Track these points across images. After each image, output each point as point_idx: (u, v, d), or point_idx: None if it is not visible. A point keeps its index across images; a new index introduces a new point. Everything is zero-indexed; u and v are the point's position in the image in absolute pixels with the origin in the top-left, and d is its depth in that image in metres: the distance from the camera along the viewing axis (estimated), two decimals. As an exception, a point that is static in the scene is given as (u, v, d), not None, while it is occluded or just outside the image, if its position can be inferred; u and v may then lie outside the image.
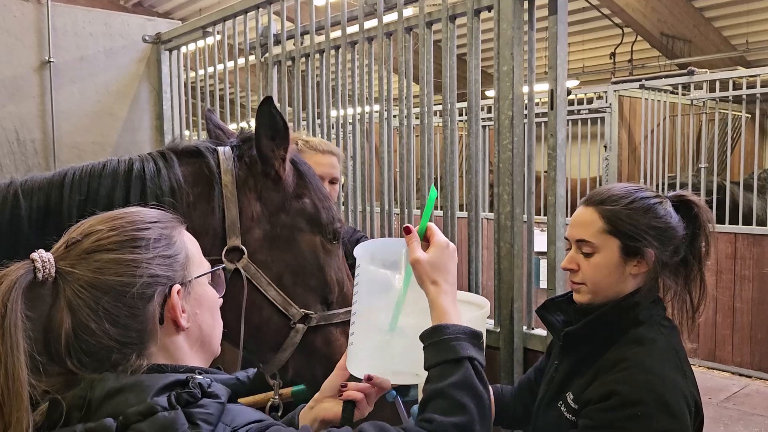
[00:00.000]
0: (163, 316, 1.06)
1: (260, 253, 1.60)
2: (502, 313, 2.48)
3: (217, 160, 1.61)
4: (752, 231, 6.28)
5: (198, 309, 1.12)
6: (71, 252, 1.05)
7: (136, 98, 4.28)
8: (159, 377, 1.01)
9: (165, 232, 1.12)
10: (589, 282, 1.61)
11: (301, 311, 1.65)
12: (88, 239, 1.06)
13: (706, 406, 1.68)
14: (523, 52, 2.42)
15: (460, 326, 1.24)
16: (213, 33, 3.89)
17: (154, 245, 1.08)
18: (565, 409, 1.63)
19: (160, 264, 1.07)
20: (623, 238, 1.57)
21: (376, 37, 2.94)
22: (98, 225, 1.09)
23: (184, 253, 1.13)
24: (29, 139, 3.90)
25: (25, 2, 3.87)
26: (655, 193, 1.64)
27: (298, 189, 1.68)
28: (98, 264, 1.03)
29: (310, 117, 3.38)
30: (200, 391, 1.00)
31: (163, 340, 1.07)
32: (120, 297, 1.03)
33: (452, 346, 1.20)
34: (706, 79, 7.10)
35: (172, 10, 13.96)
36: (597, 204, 1.61)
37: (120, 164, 1.55)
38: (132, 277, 1.04)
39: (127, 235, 1.07)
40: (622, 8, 10.49)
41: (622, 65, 12.67)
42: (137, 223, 1.10)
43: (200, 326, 1.13)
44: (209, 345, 1.15)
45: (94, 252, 1.04)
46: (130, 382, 0.99)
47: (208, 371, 1.08)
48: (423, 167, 2.80)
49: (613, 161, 7.71)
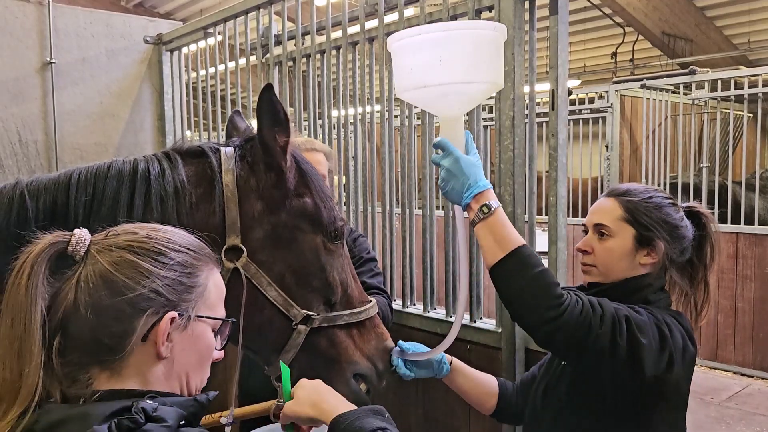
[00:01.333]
0: (148, 335, 1.05)
1: (261, 252, 1.59)
2: (504, 313, 2.47)
3: (219, 160, 1.61)
4: (754, 231, 6.28)
5: (186, 346, 1.09)
6: (106, 241, 1.09)
7: (137, 99, 4.29)
8: (106, 406, 0.99)
9: (194, 262, 1.12)
10: (600, 264, 1.71)
11: (302, 312, 1.63)
12: (125, 236, 1.10)
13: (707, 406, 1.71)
14: (524, 52, 2.42)
15: (357, 410, 1.29)
16: (214, 33, 3.90)
17: (174, 267, 1.09)
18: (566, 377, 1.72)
19: (169, 285, 1.07)
20: (638, 227, 1.68)
21: (377, 37, 2.94)
22: (140, 230, 1.12)
23: (201, 289, 1.12)
24: (31, 140, 3.91)
25: (26, 3, 3.87)
26: (671, 197, 1.76)
27: (300, 188, 1.67)
28: (118, 260, 1.06)
29: (311, 117, 3.38)
30: (143, 416, 0.98)
31: (139, 359, 1.05)
32: (115, 295, 1.03)
33: (357, 427, 1.23)
34: (708, 78, 7.10)
35: (173, 11, 13.97)
36: (618, 195, 1.74)
37: (125, 165, 1.56)
38: (137, 284, 1.04)
39: (157, 247, 1.09)
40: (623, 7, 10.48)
41: (623, 65, 12.66)
42: (172, 242, 1.11)
43: (182, 363, 1.10)
44: (185, 384, 1.12)
45: (122, 249, 1.07)
46: (74, 413, 0.98)
47: (164, 394, 1.06)
48: (424, 167, 2.80)
49: (614, 161, 7.71)
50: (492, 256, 1.52)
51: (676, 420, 1.70)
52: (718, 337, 6.43)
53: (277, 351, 1.66)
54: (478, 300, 2.67)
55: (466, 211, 1.58)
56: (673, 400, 1.66)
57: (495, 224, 1.53)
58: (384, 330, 1.82)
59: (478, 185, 1.55)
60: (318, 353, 1.68)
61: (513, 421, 2.05)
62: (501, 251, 1.51)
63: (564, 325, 1.46)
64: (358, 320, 1.73)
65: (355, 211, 3.18)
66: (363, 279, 2.29)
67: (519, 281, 1.49)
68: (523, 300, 1.50)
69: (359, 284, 1.83)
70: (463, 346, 2.63)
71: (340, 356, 1.70)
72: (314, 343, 1.67)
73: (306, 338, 1.65)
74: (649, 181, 7.23)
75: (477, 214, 1.54)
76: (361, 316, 1.74)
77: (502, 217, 1.54)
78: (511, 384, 2.00)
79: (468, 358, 2.56)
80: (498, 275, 1.53)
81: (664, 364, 1.55)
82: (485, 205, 1.53)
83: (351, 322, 1.72)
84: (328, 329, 1.69)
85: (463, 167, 1.54)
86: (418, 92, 1.56)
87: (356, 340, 1.73)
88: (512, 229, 1.55)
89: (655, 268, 1.71)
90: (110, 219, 1.44)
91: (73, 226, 1.14)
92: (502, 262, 1.51)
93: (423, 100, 1.64)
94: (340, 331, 1.71)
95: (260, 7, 3.46)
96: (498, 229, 1.53)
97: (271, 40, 3.50)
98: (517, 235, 1.55)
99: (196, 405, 1.09)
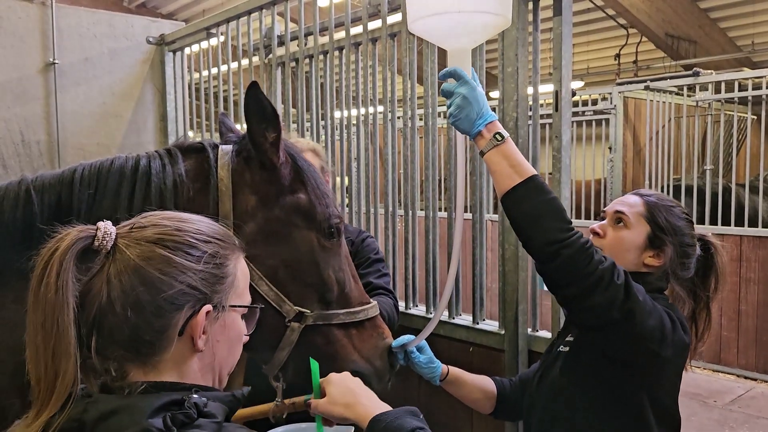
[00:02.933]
0: (185, 329, 1.06)
1: (253, 246, 1.59)
2: (507, 315, 2.47)
3: (216, 155, 1.65)
4: (758, 233, 6.25)
5: (220, 337, 1.11)
6: (133, 234, 1.07)
7: (140, 99, 4.29)
8: (154, 398, 0.99)
9: (223, 252, 1.12)
10: (608, 249, 1.74)
11: (295, 308, 1.63)
12: (153, 229, 1.08)
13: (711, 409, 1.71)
14: (527, 53, 2.41)
15: (394, 410, 1.30)
16: (217, 34, 3.90)
17: (207, 260, 1.08)
18: (563, 347, 1.77)
19: (204, 278, 1.07)
20: (654, 227, 1.76)
21: (380, 38, 2.93)
22: (167, 221, 1.11)
23: (231, 278, 1.12)
24: (34, 140, 3.91)
25: (29, 4, 3.88)
26: (690, 217, 1.84)
27: (295, 184, 1.68)
28: (150, 255, 1.05)
29: (313, 118, 3.37)
30: (196, 411, 0.99)
31: (175, 353, 1.06)
32: (154, 293, 1.03)
33: (397, 427, 1.24)
34: (712, 80, 7.08)
35: (175, 12, 14.00)
36: (643, 195, 1.82)
37: (128, 161, 1.61)
38: (173, 280, 1.04)
39: (188, 240, 1.08)
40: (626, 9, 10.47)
41: (626, 66, 12.64)
42: (201, 233, 1.11)
43: (215, 354, 1.11)
44: (218, 374, 1.14)
45: (152, 243, 1.06)
46: (124, 404, 0.99)
47: (205, 389, 1.07)
48: (427, 168, 2.80)
49: (618, 163, 7.69)
50: (508, 180, 1.56)
51: (666, 406, 1.70)
52: (722, 340, 6.40)
53: (272, 348, 1.66)
54: (481, 301, 2.66)
55: (474, 140, 1.61)
56: (661, 381, 1.67)
57: (509, 151, 1.57)
58: (385, 329, 1.81)
59: (490, 114, 1.59)
60: (314, 352, 1.66)
61: (511, 417, 2.09)
62: (518, 176, 1.55)
63: (570, 246, 1.49)
64: (356, 320, 1.73)
65: (357, 212, 3.17)
66: (369, 279, 2.28)
67: (535, 205, 1.53)
68: (537, 222, 1.53)
69: (360, 285, 1.82)
70: (465, 347, 2.62)
71: (336, 355, 1.69)
72: (310, 342, 1.66)
73: (301, 336, 1.65)
74: (653, 183, 7.22)
75: (491, 141, 1.57)
76: (359, 316, 1.73)
77: (514, 145, 1.59)
78: (507, 381, 2.02)
79: (471, 360, 2.56)
80: (513, 199, 1.56)
81: (656, 333, 1.56)
82: (498, 133, 1.57)
83: (348, 321, 1.71)
84: (324, 328, 1.68)
85: (478, 96, 1.58)
86: (431, 20, 1.58)
87: (354, 340, 1.72)
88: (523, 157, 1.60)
89: (657, 272, 1.76)
90: (111, 211, 1.49)
91: (76, 219, 1.15)
92: (518, 186, 1.55)
93: (434, 31, 1.65)
94: (337, 330, 1.70)
95: (263, 7, 3.46)
96: (513, 155, 1.57)
97: (274, 41, 3.49)
98: (529, 164, 1.60)
99: (234, 400, 1.10)
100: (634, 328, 1.54)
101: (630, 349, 1.60)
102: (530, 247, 1.58)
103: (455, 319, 2.72)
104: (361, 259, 2.34)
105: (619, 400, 1.65)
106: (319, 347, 1.67)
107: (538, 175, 1.58)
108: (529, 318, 2.47)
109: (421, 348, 1.88)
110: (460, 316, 2.75)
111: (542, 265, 1.56)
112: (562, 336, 1.87)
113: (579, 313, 1.61)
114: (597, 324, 1.58)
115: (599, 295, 1.51)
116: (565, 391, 1.72)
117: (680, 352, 1.66)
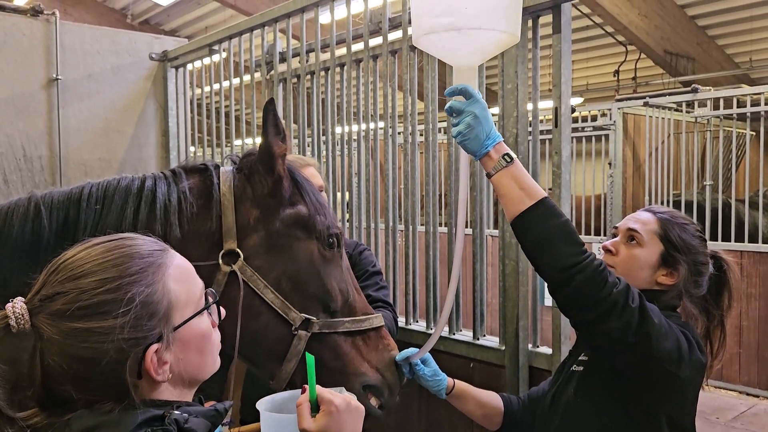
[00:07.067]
0: (141, 372, 1.04)
1: (257, 258, 1.65)
2: (508, 330, 2.46)
3: (218, 173, 1.71)
4: (758, 249, 6.24)
5: (183, 354, 1.08)
6: (44, 308, 1.02)
7: (142, 115, 4.31)
8: (136, 414, 0.99)
9: (141, 286, 1.03)
10: (620, 267, 1.71)
11: (301, 315, 1.66)
12: (60, 300, 1.01)
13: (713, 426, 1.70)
14: (527, 70, 2.43)
15: None
16: (219, 51, 3.93)
17: (127, 306, 1.01)
18: (577, 367, 1.73)
19: (133, 326, 1.01)
20: (667, 246, 1.72)
21: (381, 54, 2.96)
22: (68, 282, 1.02)
23: (166, 301, 1.06)
24: (36, 155, 3.92)
25: (33, 20, 3.91)
26: (703, 235, 1.80)
27: (294, 196, 1.73)
28: (69, 331, 1.00)
29: (315, 134, 3.39)
30: (176, 427, 0.99)
31: (143, 388, 1.05)
32: (93, 365, 1.00)
33: None
34: (710, 96, 7.11)
35: (178, 28, 14.10)
36: (657, 213, 1.78)
37: (134, 180, 1.67)
38: (101, 346, 1.00)
39: (96, 299, 1.01)
40: (625, 26, 10.53)
41: (626, 83, 12.70)
42: (107, 281, 1.02)
43: (185, 369, 1.09)
44: (195, 380, 1.13)
45: (65, 318, 1.00)
46: (107, 420, 0.98)
47: (188, 404, 1.06)
48: (427, 184, 2.81)
49: (617, 178, 7.70)
50: (519, 204, 1.53)
51: (684, 428, 1.67)
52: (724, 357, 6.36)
53: (279, 360, 1.67)
54: (482, 317, 2.66)
55: (480, 160, 1.58)
56: (679, 402, 1.64)
57: (518, 173, 1.55)
58: (391, 341, 1.81)
59: (498, 135, 1.57)
60: (322, 363, 1.65)
61: None
62: (529, 199, 1.52)
63: (583, 271, 1.46)
64: (361, 329, 1.74)
65: (358, 227, 3.17)
66: (368, 292, 2.28)
67: (547, 229, 1.50)
68: (550, 247, 1.50)
69: (363, 297, 1.83)
70: (466, 363, 2.61)
71: (346, 367, 1.70)
72: (317, 352, 1.64)
73: (308, 346, 1.65)
74: (653, 199, 7.22)
75: (499, 162, 1.54)
76: (364, 324, 1.74)
77: (522, 167, 1.57)
78: (515, 399, 2.00)
79: (471, 376, 2.55)
80: (525, 223, 1.53)
81: (674, 354, 1.53)
82: (507, 154, 1.55)
83: (354, 330, 1.73)
84: (331, 337, 1.69)
85: (488, 115, 1.55)
86: (439, 36, 1.56)
87: (362, 351, 1.73)
88: (531, 177, 1.58)
89: (670, 291, 1.73)
90: (117, 225, 1.53)
91: (83, 233, 1.15)
92: (529, 210, 1.52)
93: (442, 46, 1.62)
94: (344, 340, 1.71)
95: (265, 24, 3.49)
96: (522, 177, 1.55)
97: (276, 57, 3.52)
98: (538, 185, 1.58)
99: (216, 415, 1.10)
100: (651, 351, 1.51)
101: (647, 371, 1.57)
102: (543, 273, 1.55)
103: (456, 334, 2.72)
104: (359, 272, 2.35)
105: (636, 421, 1.62)
106: (328, 359, 1.68)
107: (548, 197, 1.55)
108: (529, 334, 2.46)
109: (425, 361, 1.86)
110: (460, 332, 2.74)
111: (555, 291, 1.53)
112: (574, 354, 1.83)
113: (593, 337, 1.58)
114: (612, 347, 1.55)
115: (614, 320, 1.47)
116: (580, 412, 1.69)
117: (697, 372, 1.64)
